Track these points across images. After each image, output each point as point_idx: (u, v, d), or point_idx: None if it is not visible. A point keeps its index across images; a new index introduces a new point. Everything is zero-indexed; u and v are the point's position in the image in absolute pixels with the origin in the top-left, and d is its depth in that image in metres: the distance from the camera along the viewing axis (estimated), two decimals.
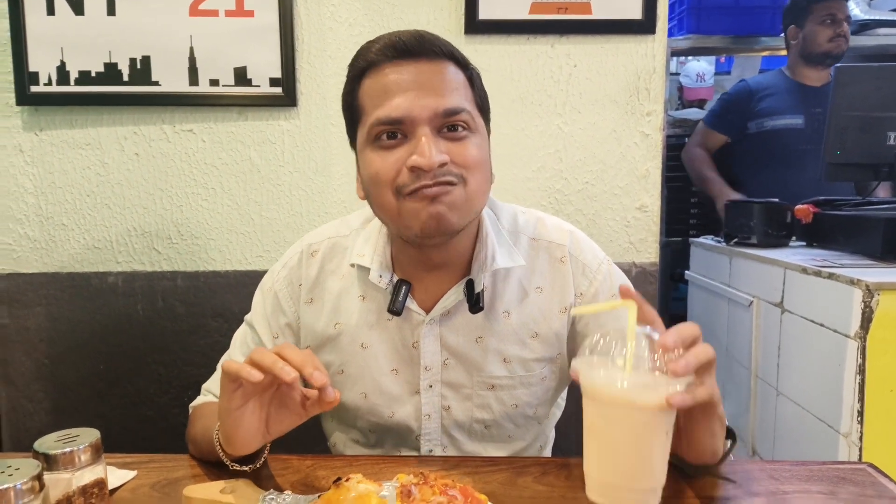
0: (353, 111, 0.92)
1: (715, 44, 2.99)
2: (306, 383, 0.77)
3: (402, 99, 0.84)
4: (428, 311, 0.98)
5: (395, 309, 0.96)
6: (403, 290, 0.96)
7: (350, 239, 1.03)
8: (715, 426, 0.74)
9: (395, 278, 0.98)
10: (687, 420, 0.75)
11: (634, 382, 0.64)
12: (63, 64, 1.62)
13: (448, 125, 0.86)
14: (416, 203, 0.85)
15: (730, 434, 0.80)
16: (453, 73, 0.89)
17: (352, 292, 1.01)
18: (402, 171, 0.85)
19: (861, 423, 1.49)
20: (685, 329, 0.68)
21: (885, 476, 0.88)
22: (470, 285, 0.96)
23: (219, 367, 1.08)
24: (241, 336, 1.08)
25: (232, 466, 0.85)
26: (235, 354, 1.06)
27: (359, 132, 0.91)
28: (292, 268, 1.04)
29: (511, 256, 0.98)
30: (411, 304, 0.98)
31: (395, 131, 0.86)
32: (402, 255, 0.98)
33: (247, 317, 1.09)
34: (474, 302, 0.96)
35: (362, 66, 0.89)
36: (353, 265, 1.00)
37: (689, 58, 3.85)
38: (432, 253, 0.94)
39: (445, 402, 1.02)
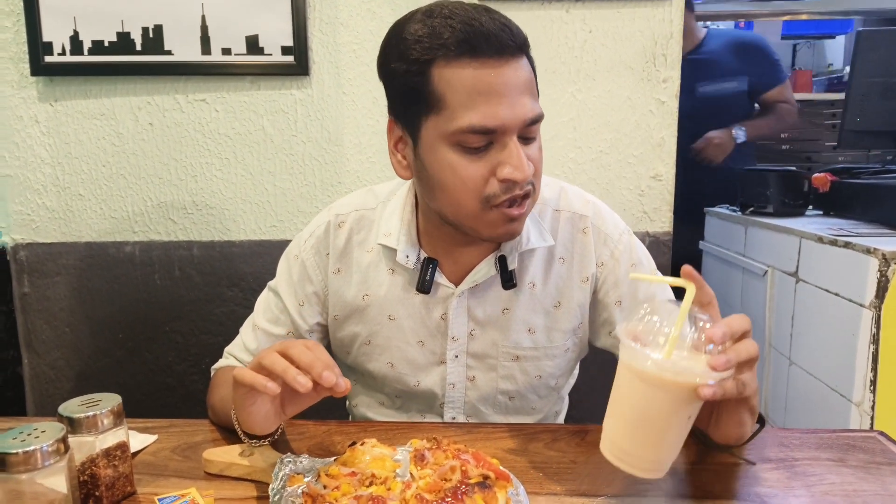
0: (419, 97, 0.84)
1: (733, 8, 2.93)
2: None
3: (497, 107, 0.81)
4: (457, 284, 0.99)
5: (424, 288, 0.97)
6: (431, 269, 0.97)
7: (377, 212, 1.03)
8: (744, 416, 0.74)
9: (423, 255, 0.98)
10: (718, 406, 0.75)
11: (670, 364, 0.64)
12: (76, 34, 1.62)
13: (527, 131, 0.85)
14: (498, 217, 0.86)
15: (759, 419, 0.81)
16: (528, 70, 0.85)
17: (380, 266, 1.02)
18: (491, 181, 0.84)
19: (874, 392, 1.50)
20: (736, 323, 0.68)
21: None
22: (502, 261, 0.97)
23: (242, 330, 1.10)
24: (264, 302, 1.09)
25: (250, 443, 0.86)
26: (259, 319, 1.07)
27: (428, 123, 0.85)
28: (319, 237, 1.04)
29: (542, 235, 0.99)
30: (440, 277, 0.99)
31: (484, 139, 0.83)
32: (431, 231, 0.98)
33: (271, 283, 1.09)
34: (507, 278, 0.97)
35: (435, 48, 0.81)
36: (380, 244, 1.00)
37: (708, 23, 3.77)
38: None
39: (470, 373, 1.03)
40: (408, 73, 0.84)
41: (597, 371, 1.08)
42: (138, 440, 0.90)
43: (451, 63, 0.81)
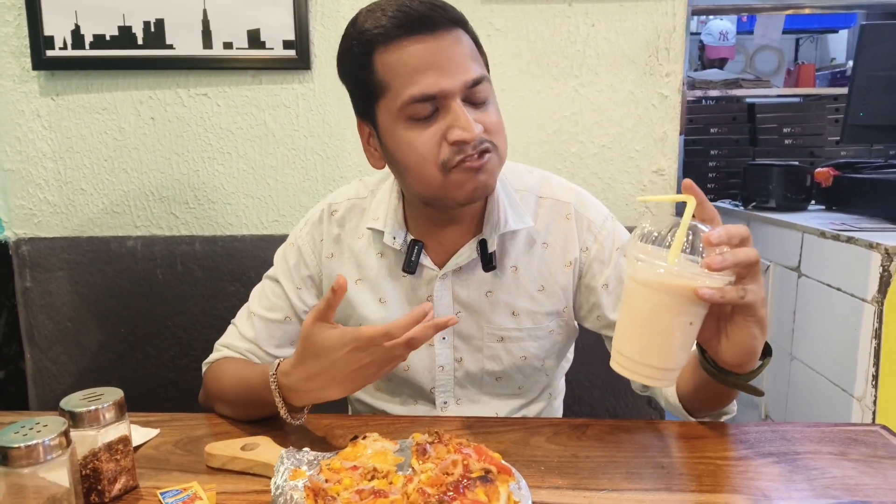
0: (369, 87, 0.90)
1: (736, 2, 2.92)
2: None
3: (433, 75, 0.85)
4: (441, 267, 1.02)
5: (409, 269, 1.01)
6: (416, 250, 1.01)
7: (367, 201, 1.08)
8: (754, 329, 0.74)
9: (409, 238, 1.02)
10: (728, 319, 0.76)
11: (670, 268, 0.66)
12: (77, 28, 1.62)
13: (472, 95, 0.89)
14: (461, 175, 0.89)
15: (766, 350, 0.81)
16: (466, 41, 0.90)
17: (370, 250, 1.06)
18: (444, 147, 0.88)
19: (875, 386, 1.50)
20: (734, 228, 0.70)
21: None
22: (483, 245, 1.00)
23: (235, 321, 1.12)
24: (259, 291, 1.12)
25: (293, 417, 0.89)
26: (255, 307, 1.09)
27: (380, 108, 0.91)
28: (314, 224, 1.09)
29: (520, 217, 1.02)
30: (425, 260, 1.02)
31: (429, 108, 0.87)
32: (415, 214, 1.02)
33: (267, 273, 1.12)
34: (487, 261, 1.00)
35: (373, 39, 0.87)
36: (369, 229, 1.05)
37: (711, 17, 3.76)
38: (449, 212, 0.98)
39: (458, 355, 1.07)
40: (356, 68, 0.90)
41: (596, 361, 1.08)
42: (140, 434, 0.91)
43: (388, 47, 0.86)
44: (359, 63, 0.89)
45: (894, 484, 0.77)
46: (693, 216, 0.70)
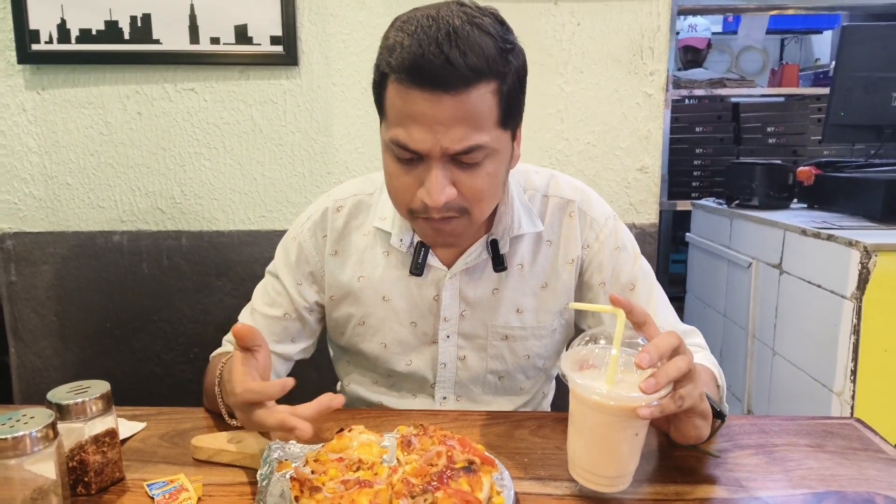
0: (379, 99, 0.88)
1: (721, 2, 2.94)
2: None
3: (418, 131, 0.82)
4: (449, 266, 1.02)
5: (416, 270, 1.01)
6: (423, 252, 1.00)
7: (374, 197, 1.06)
8: (696, 421, 0.78)
9: (416, 239, 1.01)
10: (671, 416, 0.79)
11: (609, 393, 0.69)
12: (63, 22, 1.61)
13: (461, 157, 0.84)
14: (425, 226, 0.90)
15: (719, 415, 0.83)
16: (476, 102, 0.82)
17: (376, 248, 1.05)
18: (415, 197, 0.87)
19: (854, 381, 1.52)
20: (662, 344, 0.71)
21: (872, 430, 0.91)
22: (494, 245, 1.00)
23: (240, 317, 1.11)
24: (261, 287, 1.11)
25: (233, 422, 0.87)
26: (256, 303, 1.09)
27: (382, 123, 0.89)
28: (316, 221, 1.07)
29: (532, 221, 1.03)
30: (433, 259, 1.02)
31: (410, 155, 0.85)
32: None
33: (269, 268, 1.11)
34: (499, 262, 1.01)
35: (387, 64, 0.83)
36: (375, 227, 1.04)
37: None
38: None
39: (461, 353, 1.07)
40: (375, 77, 0.87)
41: None
42: (127, 427, 0.91)
43: (396, 81, 0.82)
44: (377, 77, 0.87)
45: (867, 475, 0.79)
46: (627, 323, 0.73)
